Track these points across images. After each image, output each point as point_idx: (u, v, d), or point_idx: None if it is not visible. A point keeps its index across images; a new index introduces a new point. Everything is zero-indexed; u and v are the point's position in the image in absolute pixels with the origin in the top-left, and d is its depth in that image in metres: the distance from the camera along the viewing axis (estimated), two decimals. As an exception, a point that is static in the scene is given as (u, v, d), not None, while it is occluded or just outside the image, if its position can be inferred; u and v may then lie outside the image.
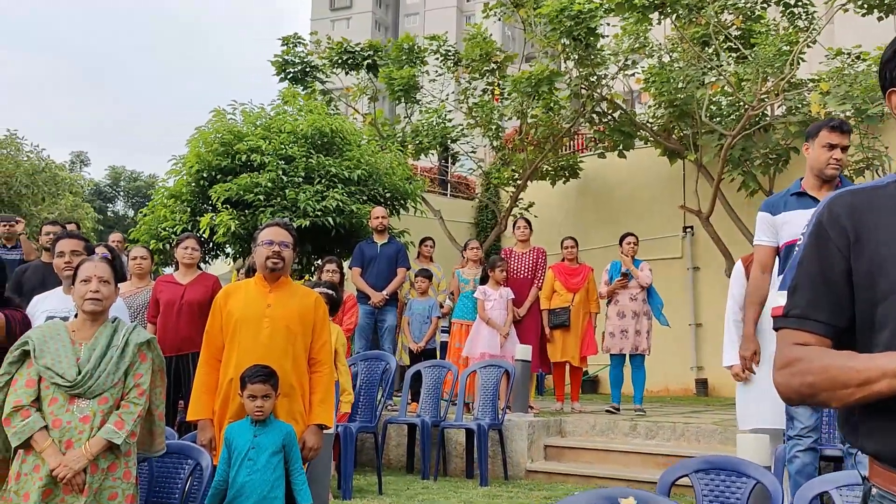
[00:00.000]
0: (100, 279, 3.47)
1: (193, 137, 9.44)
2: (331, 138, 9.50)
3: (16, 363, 3.33)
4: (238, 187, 8.62)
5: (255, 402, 3.87)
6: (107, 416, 3.31)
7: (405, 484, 6.63)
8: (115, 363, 3.37)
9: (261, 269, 4.24)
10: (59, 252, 4.68)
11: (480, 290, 8.06)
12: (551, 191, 15.30)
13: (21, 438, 3.17)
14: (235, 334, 4.14)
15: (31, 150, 16.99)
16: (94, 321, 3.47)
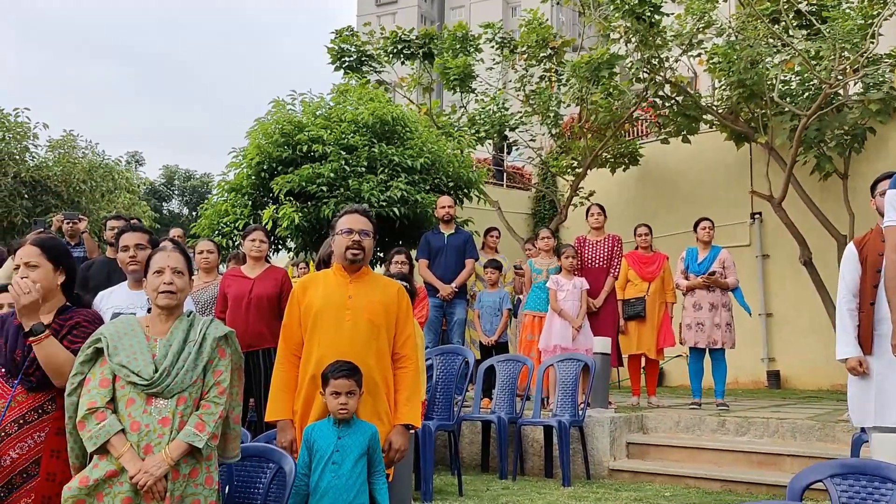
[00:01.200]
0: (173, 270, 3.21)
1: (253, 129, 9.24)
2: (392, 126, 9.22)
3: (88, 362, 3.09)
4: (300, 178, 8.38)
5: (338, 400, 3.59)
6: (186, 418, 3.05)
7: (483, 484, 6.32)
8: (192, 359, 3.10)
9: (339, 259, 3.96)
10: (124, 246, 4.46)
11: (553, 280, 7.70)
12: (611, 178, 14.84)
13: (97, 444, 2.93)
14: (315, 328, 3.87)
15: (86, 147, 17.08)
16: (168, 315, 3.21)
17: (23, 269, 3.32)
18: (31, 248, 3.39)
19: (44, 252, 3.41)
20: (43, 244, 3.45)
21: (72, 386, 3.06)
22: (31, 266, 3.34)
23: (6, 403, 3.16)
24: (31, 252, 3.37)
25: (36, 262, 3.36)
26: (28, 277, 3.29)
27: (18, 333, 3.28)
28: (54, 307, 3.40)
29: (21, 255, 3.36)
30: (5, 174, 15.04)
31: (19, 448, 3.13)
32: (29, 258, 3.35)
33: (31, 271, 3.33)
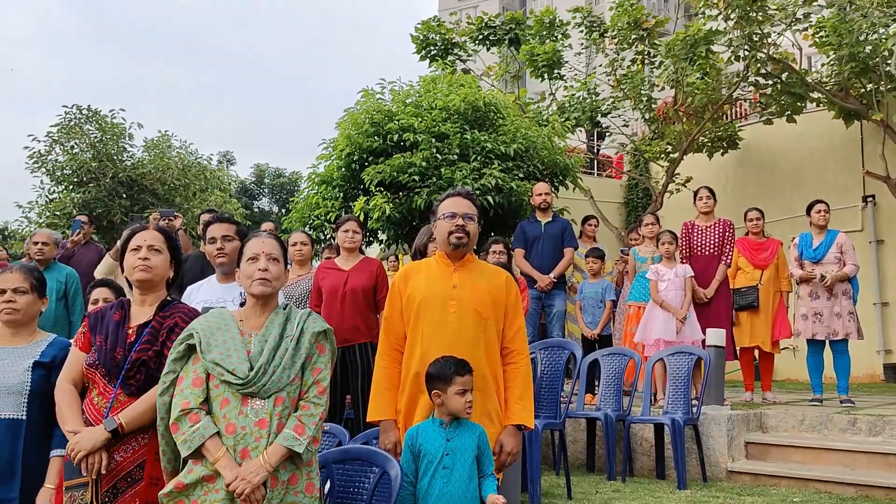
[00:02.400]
0: (269, 256, 2.97)
1: (343, 120, 9.08)
2: (484, 112, 8.91)
3: (181, 359, 2.87)
4: (391, 168, 8.16)
5: (466, 398, 3.30)
6: (284, 420, 2.81)
7: (590, 485, 5.94)
8: (290, 356, 2.86)
9: (442, 246, 3.67)
10: (211, 238, 4.28)
11: (653, 270, 7.23)
12: (708, 163, 14.19)
13: (192, 447, 2.71)
14: (418, 321, 3.58)
15: (180, 147, 17.38)
16: (264, 307, 2.97)
17: (145, 250, 3.15)
18: (156, 233, 3.23)
19: (167, 241, 3.24)
20: (167, 233, 3.29)
21: (163, 385, 2.85)
22: (154, 250, 3.18)
23: (108, 404, 2.98)
24: (157, 238, 3.21)
25: (159, 248, 3.20)
26: (149, 260, 3.13)
27: (119, 330, 3.10)
28: (157, 300, 3.21)
29: (146, 238, 3.19)
30: (104, 174, 15.40)
31: (123, 451, 2.95)
32: (154, 242, 3.19)
33: (153, 255, 3.17)
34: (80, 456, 2.85)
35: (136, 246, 3.19)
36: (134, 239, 3.23)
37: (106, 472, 2.89)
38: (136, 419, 2.94)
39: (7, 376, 3.16)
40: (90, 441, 2.88)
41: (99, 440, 2.88)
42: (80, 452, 2.86)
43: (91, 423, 2.99)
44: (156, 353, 3.03)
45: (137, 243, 3.20)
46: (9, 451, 3.09)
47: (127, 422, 2.93)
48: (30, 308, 3.32)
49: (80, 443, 2.87)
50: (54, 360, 3.25)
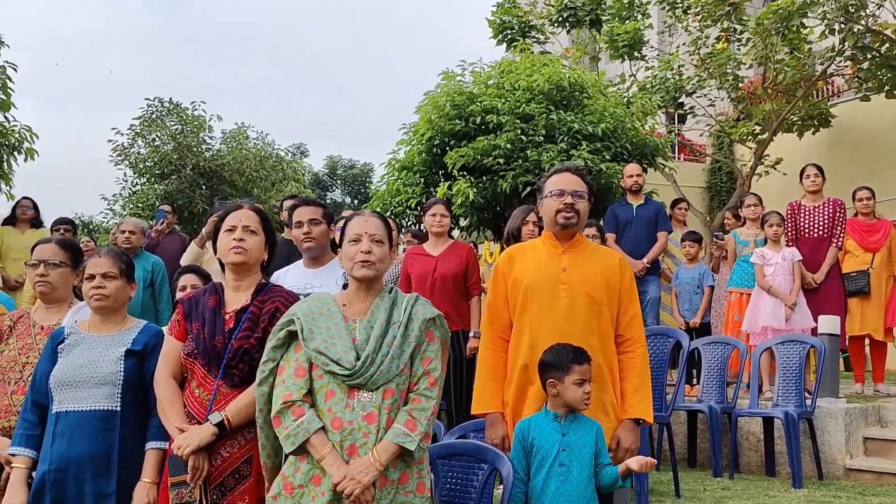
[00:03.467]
0: (372, 237, 2.74)
1: (423, 104, 8.85)
2: (569, 92, 8.56)
3: (280, 347, 2.67)
4: (475, 152, 7.90)
5: (584, 388, 3.02)
6: (393, 414, 2.58)
7: (696, 482, 5.59)
8: (398, 344, 2.62)
9: (549, 226, 3.39)
10: (297, 222, 4.08)
11: (758, 254, 6.79)
12: (798, 143, 13.50)
13: (296, 443, 2.50)
14: (525, 307, 3.32)
15: (256, 138, 17.48)
16: (367, 290, 2.74)
17: (240, 231, 2.96)
18: (251, 213, 3.05)
19: (262, 221, 3.06)
20: (262, 213, 3.10)
21: (262, 374, 2.65)
22: (250, 231, 2.99)
23: (211, 397, 2.80)
24: (252, 217, 3.03)
25: (255, 229, 3.01)
26: (244, 241, 2.95)
27: (216, 316, 2.92)
28: (253, 283, 3.03)
29: (241, 218, 3.00)
30: (184, 165, 15.57)
31: (230, 446, 2.77)
32: (249, 223, 3.00)
33: (249, 236, 2.98)
34: (186, 453, 2.69)
35: (230, 227, 3.00)
36: (228, 219, 3.04)
37: (213, 468, 2.73)
38: (242, 413, 2.76)
39: (99, 366, 3.01)
40: (197, 438, 2.71)
41: (206, 436, 2.72)
42: (187, 449, 2.69)
43: (193, 415, 2.82)
44: (258, 341, 2.83)
45: (231, 224, 3.01)
46: (104, 445, 2.93)
47: (233, 415, 2.75)
48: (119, 294, 3.17)
49: (185, 440, 2.71)
50: (146, 347, 3.09)
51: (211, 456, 2.75)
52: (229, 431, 2.76)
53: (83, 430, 2.93)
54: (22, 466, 2.98)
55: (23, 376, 3.25)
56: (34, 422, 3.04)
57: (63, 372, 3.00)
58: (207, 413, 2.80)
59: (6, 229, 8.04)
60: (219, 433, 2.74)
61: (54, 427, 2.96)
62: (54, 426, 2.96)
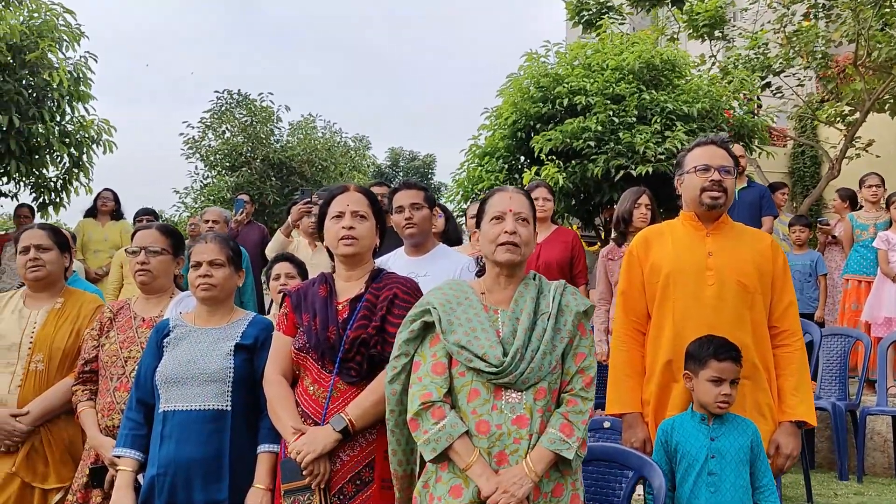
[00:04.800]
0: (516, 216, 2.42)
1: (505, 87, 8.49)
2: (661, 71, 8.11)
3: (414, 340, 2.38)
4: (564, 135, 7.51)
5: (720, 389, 2.69)
6: (546, 417, 2.27)
7: (822, 485, 5.16)
8: (549, 338, 2.30)
9: (692, 205, 3.05)
10: (398, 207, 3.77)
11: (881, 239, 6.28)
12: (890, 124, 12.73)
13: (438, 449, 2.21)
14: (666, 296, 2.98)
15: (325, 127, 17.37)
16: (510, 277, 2.43)
17: (349, 218, 2.69)
18: (360, 195, 2.77)
19: (371, 204, 2.78)
20: (371, 194, 2.82)
21: (394, 371, 2.37)
22: (359, 216, 2.72)
23: (327, 395, 2.53)
24: (361, 201, 2.75)
25: (364, 213, 2.74)
26: (354, 230, 2.68)
27: (327, 306, 2.66)
28: (366, 272, 2.75)
29: (349, 203, 2.73)
30: (254, 157, 15.52)
31: (349, 449, 2.51)
32: (358, 207, 2.73)
33: (359, 222, 2.71)
34: (308, 460, 2.42)
35: (337, 213, 2.72)
36: (334, 203, 2.76)
37: (332, 473, 2.46)
38: (366, 414, 2.49)
39: (208, 361, 2.76)
40: (320, 445, 2.45)
41: (329, 442, 2.45)
42: (308, 456, 2.43)
43: (309, 415, 2.55)
44: (376, 330, 2.56)
45: (339, 209, 2.73)
46: (215, 447, 2.69)
47: (357, 418, 2.48)
48: (227, 283, 2.93)
49: (306, 445, 2.45)
50: (257, 341, 2.83)
51: (331, 459, 2.49)
52: (353, 435, 2.49)
53: (192, 431, 2.69)
54: (128, 469, 2.76)
55: (125, 372, 3.03)
56: (139, 421, 2.82)
57: (169, 368, 2.77)
58: (324, 412, 2.53)
59: (87, 222, 7.98)
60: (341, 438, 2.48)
61: (161, 427, 2.73)
62: (161, 426, 2.73)
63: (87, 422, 3.05)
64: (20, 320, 3.30)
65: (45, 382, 3.21)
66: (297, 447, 2.45)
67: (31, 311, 3.34)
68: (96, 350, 3.15)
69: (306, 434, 2.48)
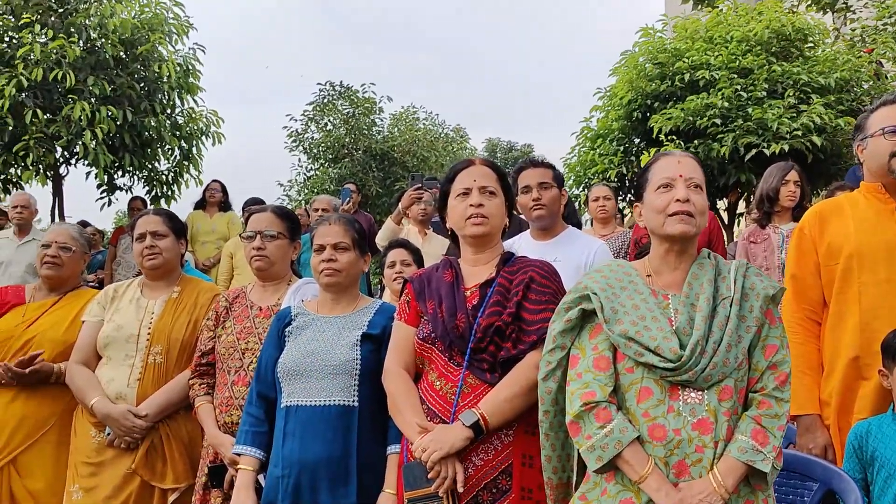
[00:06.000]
0: (688, 182, 2.06)
1: (619, 65, 8.06)
2: (791, 41, 7.52)
3: (571, 331, 2.06)
4: (685, 113, 7.04)
5: None
6: (733, 422, 1.92)
7: None
8: (734, 327, 1.95)
9: (880, 175, 2.62)
10: (525, 187, 3.45)
11: None
12: None
13: (604, 457, 1.89)
14: (848, 280, 2.58)
15: (426, 119, 17.22)
16: (680, 255, 2.08)
17: (476, 195, 2.40)
18: (488, 169, 2.47)
19: (500, 178, 2.48)
20: (499, 169, 2.52)
21: (548, 366, 2.06)
22: (489, 192, 2.43)
23: (456, 390, 2.25)
24: (490, 175, 2.46)
25: (493, 189, 2.44)
26: (483, 207, 2.38)
27: (455, 292, 2.38)
28: (495, 255, 2.46)
29: (476, 178, 2.43)
30: (357, 148, 15.50)
31: (483, 452, 2.20)
32: (487, 182, 2.44)
33: (488, 199, 2.42)
34: (435, 458, 2.14)
35: (463, 189, 2.43)
36: (459, 179, 2.45)
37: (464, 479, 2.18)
38: (501, 410, 2.17)
39: (334, 352, 2.52)
40: (448, 442, 2.15)
41: (459, 441, 2.15)
42: (434, 454, 2.14)
43: (436, 413, 2.27)
44: (511, 318, 2.25)
45: (464, 185, 2.43)
46: (341, 447, 2.44)
47: (491, 414, 2.17)
48: (353, 268, 2.68)
49: (433, 443, 2.16)
50: (385, 331, 2.57)
51: (461, 463, 2.19)
52: (485, 434, 2.19)
53: (317, 429, 2.45)
54: (249, 468, 2.55)
55: (243, 364, 2.83)
56: (260, 417, 2.60)
57: (292, 359, 2.55)
58: (453, 410, 2.23)
59: (196, 213, 7.99)
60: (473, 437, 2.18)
61: (284, 424, 2.50)
62: (284, 423, 2.50)
63: (205, 418, 2.87)
64: (138, 310, 3.15)
65: (163, 376, 3.05)
66: (422, 445, 2.17)
67: (148, 300, 3.19)
68: (212, 341, 2.97)
69: (433, 431, 2.19)
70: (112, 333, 3.08)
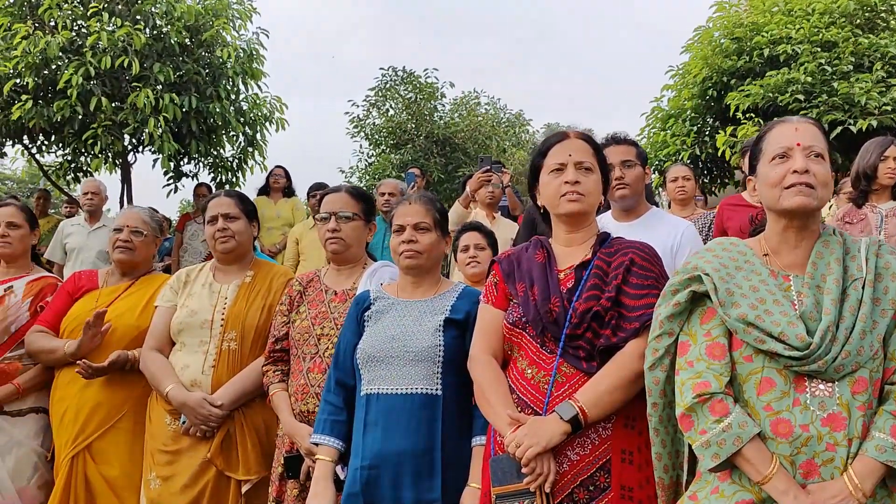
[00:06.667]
0: (808, 152, 1.87)
1: (692, 42, 7.76)
2: (876, 11, 7.13)
3: (680, 315, 1.89)
4: (765, 89, 6.72)
5: None
6: (867, 417, 1.72)
7: None
8: (868, 312, 1.75)
9: None
10: None
11: None
12: None
13: (721, 455, 1.71)
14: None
15: (487, 103, 16.97)
16: (801, 231, 1.87)
17: (571, 170, 2.22)
18: (584, 143, 2.30)
19: (595, 153, 2.31)
20: (594, 142, 2.35)
21: (655, 354, 1.89)
22: (584, 168, 2.25)
23: (550, 380, 2.09)
24: (586, 150, 2.29)
25: (590, 165, 2.27)
26: (580, 184, 2.22)
27: (548, 273, 2.22)
28: (591, 234, 2.29)
29: (570, 151, 2.26)
30: (418, 134, 15.38)
31: (579, 446, 2.03)
32: (583, 157, 2.26)
33: (584, 176, 2.24)
34: (531, 454, 1.99)
35: (558, 164, 2.25)
36: (553, 153, 2.27)
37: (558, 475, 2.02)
38: (601, 403, 2.00)
39: (416, 338, 2.39)
40: (543, 437, 1.99)
41: (556, 436, 2.00)
42: (530, 450, 1.99)
43: (528, 404, 2.11)
44: (611, 302, 2.07)
45: (559, 160, 2.25)
46: (425, 438, 2.31)
47: (590, 406, 2.00)
48: (434, 249, 2.55)
49: (527, 438, 2.01)
50: (468, 316, 2.42)
51: (555, 459, 2.04)
52: (584, 428, 2.03)
53: (400, 419, 2.32)
54: (327, 459, 2.44)
55: (318, 351, 2.72)
56: (339, 405, 2.49)
57: (372, 345, 2.42)
58: (546, 401, 2.07)
59: (260, 199, 7.96)
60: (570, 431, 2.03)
61: (365, 413, 2.38)
62: (365, 412, 2.38)
63: (280, 406, 2.77)
64: (211, 295, 3.07)
65: (238, 362, 2.96)
66: (516, 439, 2.01)
67: (221, 285, 3.11)
68: (286, 327, 2.87)
69: (526, 424, 2.03)
70: (186, 319, 3.01)
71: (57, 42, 7.14)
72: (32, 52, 7.09)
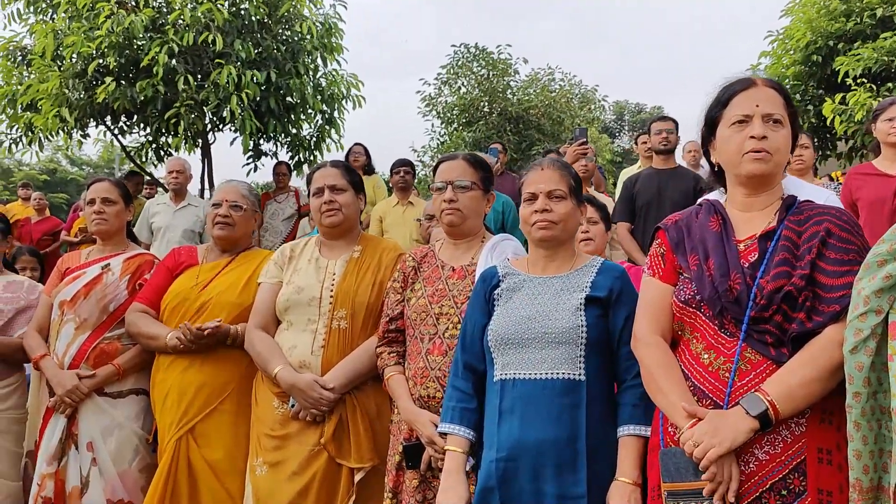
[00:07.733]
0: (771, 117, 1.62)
1: (794, 4, 7.30)
2: None
3: (889, 290, 1.60)
4: (879, 53, 6.26)
5: None
6: None
7: None
8: None
9: None
10: None
11: None
12: None
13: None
14: None
15: (562, 78, 16.59)
16: None
17: (758, 123, 1.93)
18: (776, 95, 1.99)
19: (787, 106, 2.01)
20: (785, 92, 2.07)
21: (858, 335, 1.62)
22: (774, 121, 1.95)
23: (731, 367, 1.84)
24: (778, 102, 1.99)
25: (781, 118, 1.97)
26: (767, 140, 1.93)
27: (724, 244, 1.96)
28: (776, 197, 2.00)
29: (758, 100, 1.96)
30: (491, 111, 15.11)
31: (768, 444, 1.78)
32: (773, 110, 1.96)
33: (773, 130, 1.95)
34: (713, 456, 1.75)
35: (743, 115, 1.95)
36: (737, 102, 1.96)
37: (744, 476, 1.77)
38: (794, 397, 1.74)
39: (554, 318, 2.16)
40: (726, 436, 1.75)
41: (740, 434, 1.74)
42: (712, 450, 1.74)
43: (704, 393, 1.85)
44: (805, 280, 1.80)
45: (745, 112, 1.95)
46: (568, 427, 2.08)
47: (781, 400, 1.73)
48: (570, 220, 2.30)
49: (708, 436, 1.76)
50: (611, 293, 2.18)
51: (739, 458, 1.78)
52: (774, 424, 1.77)
53: (540, 407, 2.10)
54: (458, 450, 2.24)
55: (438, 331, 2.51)
56: (469, 392, 2.28)
57: (505, 326, 2.20)
58: (727, 391, 1.81)
59: (340, 177, 7.82)
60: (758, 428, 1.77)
61: (500, 400, 2.16)
62: (499, 399, 2.16)
63: (397, 390, 2.57)
64: (318, 271, 2.89)
65: (349, 342, 2.78)
66: (695, 437, 1.77)
67: (328, 260, 2.93)
68: (401, 305, 2.67)
69: (706, 420, 1.79)
70: (292, 296, 2.84)
71: (140, 20, 7.08)
72: (116, 31, 7.05)
